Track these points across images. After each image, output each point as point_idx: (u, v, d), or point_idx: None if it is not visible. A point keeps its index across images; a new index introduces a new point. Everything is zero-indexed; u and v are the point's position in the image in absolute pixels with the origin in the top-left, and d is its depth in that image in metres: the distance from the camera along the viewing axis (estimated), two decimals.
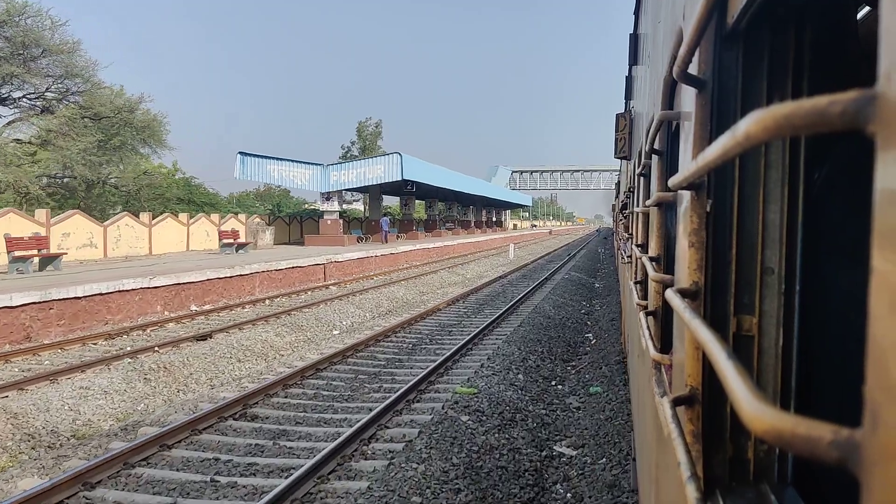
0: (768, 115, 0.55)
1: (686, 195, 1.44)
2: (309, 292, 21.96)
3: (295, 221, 44.11)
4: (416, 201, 62.26)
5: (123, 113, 39.58)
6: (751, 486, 1.37)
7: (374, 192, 46.83)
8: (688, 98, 1.60)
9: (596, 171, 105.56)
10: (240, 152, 37.37)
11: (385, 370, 11.55)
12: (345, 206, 48.99)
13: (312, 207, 64.45)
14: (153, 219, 30.48)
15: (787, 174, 1.39)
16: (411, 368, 11.62)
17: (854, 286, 1.06)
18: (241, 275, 20.69)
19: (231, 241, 30.51)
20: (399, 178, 38.05)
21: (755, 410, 0.56)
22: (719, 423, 1.38)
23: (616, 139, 10.02)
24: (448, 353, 12.00)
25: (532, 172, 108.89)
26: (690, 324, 1.09)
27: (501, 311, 17.14)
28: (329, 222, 39.56)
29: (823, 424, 0.45)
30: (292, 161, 38.61)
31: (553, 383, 11.01)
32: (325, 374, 11.14)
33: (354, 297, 20.13)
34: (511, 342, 13.27)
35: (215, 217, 35.39)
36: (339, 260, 27.45)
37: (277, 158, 38.36)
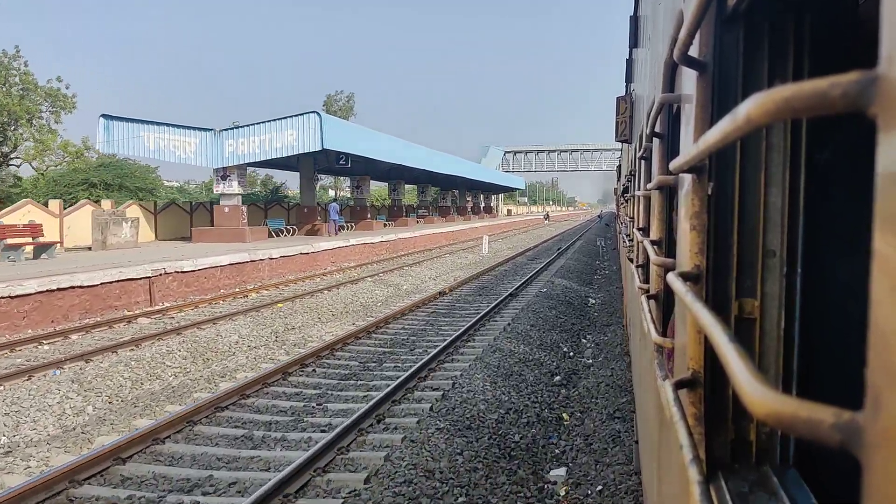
0: (769, 98, 0.54)
1: (687, 178, 1.44)
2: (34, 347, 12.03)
3: (202, 209, 34.46)
4: (406, 186, 56.78)
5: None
6: (753, 468, 1.38)
7: (306, 169, 36.33)
8: (689, 81, 1.59)
9: (597, 150, 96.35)
10: (103, 115, 28.65)
11: None
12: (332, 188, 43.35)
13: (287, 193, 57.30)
14: None
15: (788, 157, 1.39)
16: None
17: (855, 269, 1.06)
18: None
19: (24, 240, 19.86)
20: (319, 148, 28.36)
21: (757, 393, 0.56)
22: (721, 406, 1.39)
23: (617, 122, 10.00)
24: None
25: (527, 153, 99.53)
26: (692, 307, 1.09)
27: (365, 411, 7.99)
28: (227, 210, 29.00)
29: (825, 407, 0.46)
30: (172, 126, 28.78)
31: None
32: None
33: (128, 350, 11.43)
34: None
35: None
36: (185, 269, 17.76)
37: (153, 122, 28.65)
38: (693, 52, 1.43)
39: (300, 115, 28.47)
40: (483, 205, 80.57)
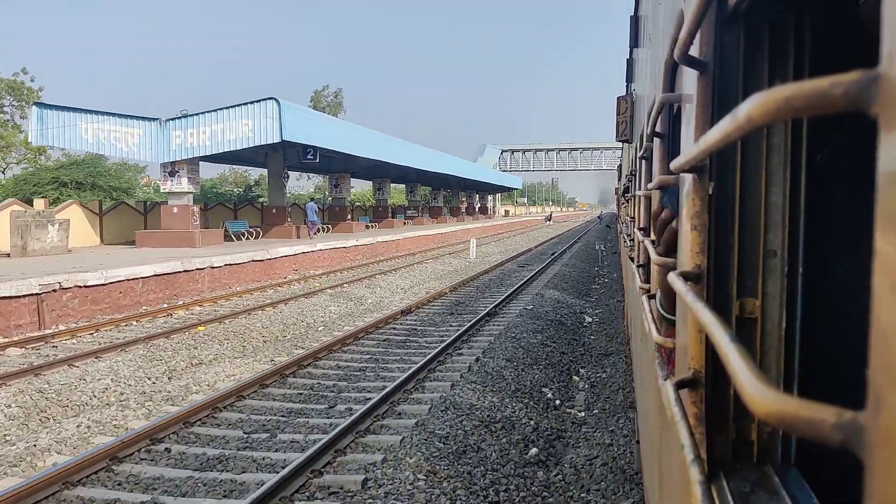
0: (770, 98, 0.54)
1: (688, 178, 1.44)
2: None
3: (158, 210, 29.27)
4: (393, 185, 53.83)
5: None
6: (754, 468, 1.38)
7: (274, 165, 32.78)
8: (689, 80, 1.59)
9: (597, 149, 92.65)
10: (36, 103, 26.52)
11: None
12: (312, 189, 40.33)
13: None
14: None
15: (789, 156, 1.39)
16: None
17: (857, 269, 1.06)
18: None
19: None
20: (278, 140, 25.03)
21: (758, 393, 0.56)
22: (722, 406, 1.39)
23: (617, 122, 10.01)
24: None
25: (525, 152, 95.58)
26: (693, 307, 1.09)
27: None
28: (175, 211, 25.84)
29: (827, 407, 0.46)
30: (113, 115, 25.59)
31: None
32: None
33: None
34: None
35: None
36: (90, 283, 14.66)
37: (90, 111, 25.54)
38: (693, 51, 1.43)
39: (256, 101, 25.00)
40: (479, 205, 77.57)
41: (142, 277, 16.44)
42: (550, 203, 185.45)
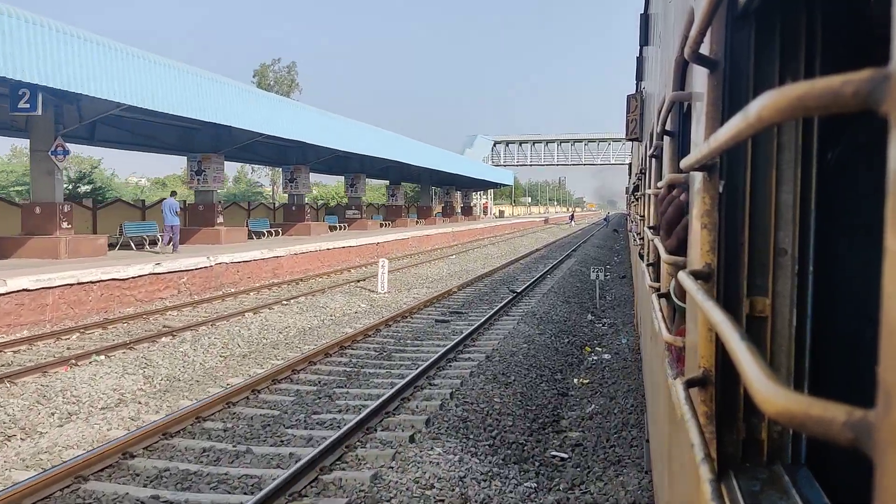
0: (781, 96, 0.54)
1: (698, 176, 1.44)
2: None
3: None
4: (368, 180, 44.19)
5: None
6: (764, 466, 1.38)
7: (40, 133, 19.48)
8: (699, 79, 1.59)
9: (604, 140, 77.45)
10: None
11: None
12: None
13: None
14: None
15: (799, 155, 1.38)
16: None
17: (868, 267, 1.05)
18: None
19: None
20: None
21: (768, 392, 0.56)
22: (732, 405, 1.38)
23: (627, 120, 10.01)
24: None
25: (521, 143, 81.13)
26: (703, 305, 1.09)
27: None
28: None
29: (837, 405, 0.46)
30: None
31: None
32: None
33: None
34: None
35: None
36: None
37: None
38: (704, 49, 1.43)
39: None
40: (462, 205, 65.54)
41: None
42: (555, 203, 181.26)
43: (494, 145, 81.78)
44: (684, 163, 1.38)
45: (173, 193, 23.21)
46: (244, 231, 28.63)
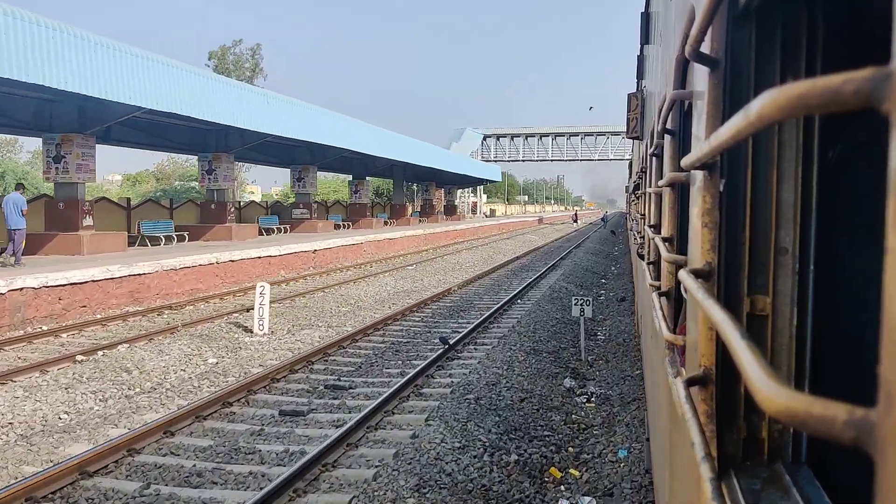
0: (781, 95, 0.54)
1: (699, 175, 1.44)
2: None
3: None
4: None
5: None
6: (765, 465, 1.37)
7: None
8: (700, 77, 1.59)
9: (602, 134, 70.04)
10: None
11: None
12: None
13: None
14: None
15: (800, 153, 1.38)
16: None
17: (869, 265, 1.05)
18: None
19: None
20: None
21: (769, 390, 0.56)
22: (733, 404, 1.38)
23: (628, 119, 9.99)
24: None
25: (513, 137, 73.27)
26: (704, 304, 1.09)
27: None
28: None
29: (838, 404, 0.45)
30: None
31: None
32: None
33: None
34: None
35: None
36: None
37: None
38: (705, 48, 1.42)
39: None
40: (446, 203, 57.98)
41: None
42: (553, 202, 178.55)
43: (484, 139, 73.98)
44: (685, 161, 1.37)
45: (19, 186, 17.63)
46: (124, 236, 21.36)
